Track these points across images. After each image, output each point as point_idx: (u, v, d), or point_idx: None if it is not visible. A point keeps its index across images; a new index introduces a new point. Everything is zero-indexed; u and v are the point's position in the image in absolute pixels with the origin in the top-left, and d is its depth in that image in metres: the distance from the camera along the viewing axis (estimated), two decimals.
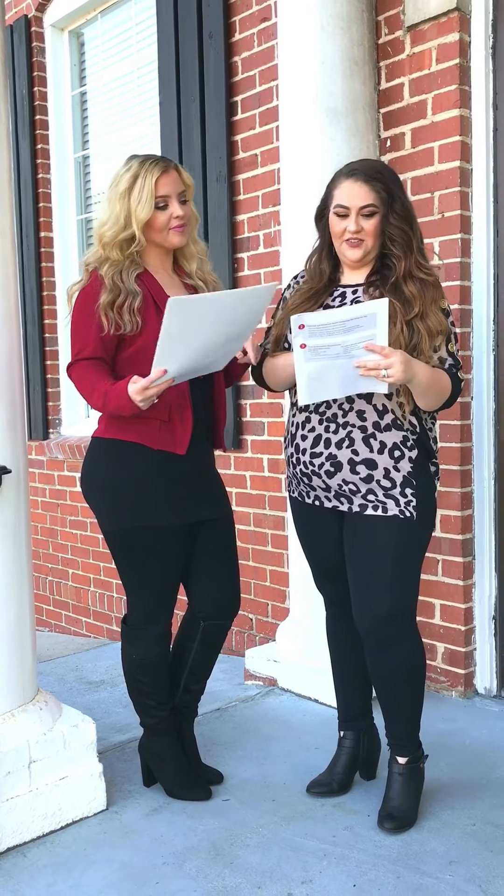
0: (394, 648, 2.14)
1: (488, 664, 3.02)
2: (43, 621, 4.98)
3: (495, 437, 2.96)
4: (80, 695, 3.37)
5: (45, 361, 4.84)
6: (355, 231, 2.09)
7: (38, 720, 2.24)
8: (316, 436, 2.16)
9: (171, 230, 2.20)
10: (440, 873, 1.99)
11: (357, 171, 2.10)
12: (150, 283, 2.20)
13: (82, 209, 4.77)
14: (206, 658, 2.41)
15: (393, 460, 2.10)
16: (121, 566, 2.31)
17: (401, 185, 2.14)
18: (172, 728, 2.39)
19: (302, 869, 2.03)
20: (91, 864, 2.09)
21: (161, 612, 2.32)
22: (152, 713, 2.37)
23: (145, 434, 2.18)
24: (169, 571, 2.29)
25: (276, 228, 3.44)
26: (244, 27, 3.52)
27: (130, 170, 2.17)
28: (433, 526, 2.24)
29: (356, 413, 2.11)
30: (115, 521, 2.26)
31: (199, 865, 2.07)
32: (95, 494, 2.30)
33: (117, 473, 2.22)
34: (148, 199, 2.14)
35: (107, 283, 2.14)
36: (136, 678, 2.35)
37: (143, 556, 2.25)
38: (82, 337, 2.17)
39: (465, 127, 2.88)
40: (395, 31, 3.01)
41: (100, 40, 4.50)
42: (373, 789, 2.36)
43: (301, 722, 2.90)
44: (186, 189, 2.22)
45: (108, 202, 2.19)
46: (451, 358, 2.12)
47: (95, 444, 2.29)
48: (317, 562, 2.33)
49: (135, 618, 2.33)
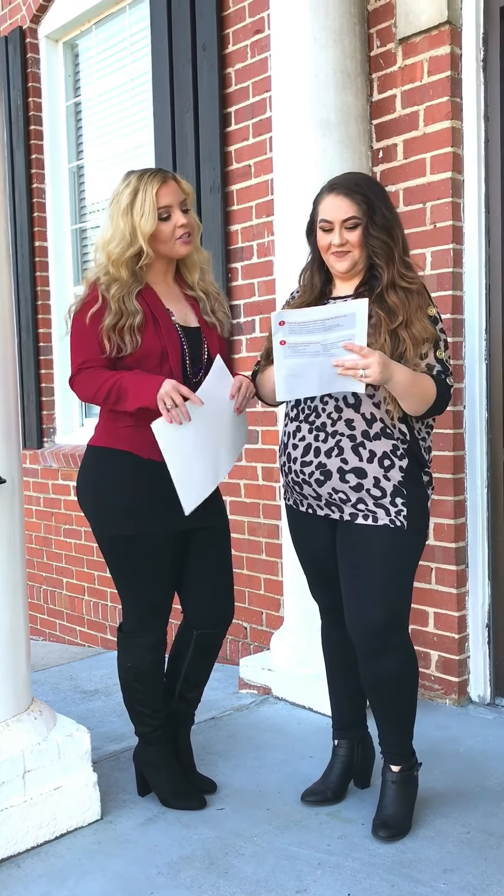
0: (386, 658, 2.15)
1: (482, 672, 3.03)
2: (37, 630, 4.98)
3: (488, 445, 2.98)
4: (75, 704, 3.36)
5: (39, 370, 4.84)
6: (340, 244, 2.12)
7: (32, 730, 2.24)
8: (306, 444, 2.17)
9: (178, 240, 2.22)
10: (434, 881, 2.00)
11: (337, 185, 2.14)
12: (150, 299, 2.21)
13: (77, 219, 4.79)
14: (201, 666, 2.41)
15: (383, 469, 2.11)
16: (113, 573, 2.33)
17: (384, 197, 2.16)
18: (167, 737, 2.39)
19: (296, 878, 2.03)
20: (86, 874, 2.09)
21: (154, 620, 2.32)
22: (147, 721, 2.37)
23: (136, 443, 2.20)
24: (161, 579, 2.29)
25: (269, 238, 3.46)
26: (237, 39, 3.54)
27: (130, 185, 2.18)
28: (426, 535, 2.24)
29: (345, 422, 2.12)
30: (106, 529, 2.28)
31: (193, 875, 2.06)
32: (88, 502, 2.31)
33: (109, 482, 2.24)
34: (151, 211, 2.15)
35: (113, 306, 2.15)
36: (132, 686, 2.35)
37: (135, 563, 2.26)
38: (84, 350, 2.19)
39: (456, 138, 2.91)
40: (387, 43, 3.04)
41: (94, 51, 4.53)
42: (367, 798, 2.36)
43: (295, 730, 2.90)
44: (186, 197, 2.24)
45: (111, 220, 2.20)
46: (440, 364, 2.13)
47: (89, 453, 2.30)
48: (311, 569, 2.34)
49: (129, 625, 2.34)
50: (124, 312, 2.14)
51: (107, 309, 2.15)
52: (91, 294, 2.20)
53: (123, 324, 2.14)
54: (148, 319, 2.17)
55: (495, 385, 2.95)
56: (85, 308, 2.19)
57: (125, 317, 2.14)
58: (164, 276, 2.30)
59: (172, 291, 2.31)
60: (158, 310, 2.20)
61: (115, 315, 2.14)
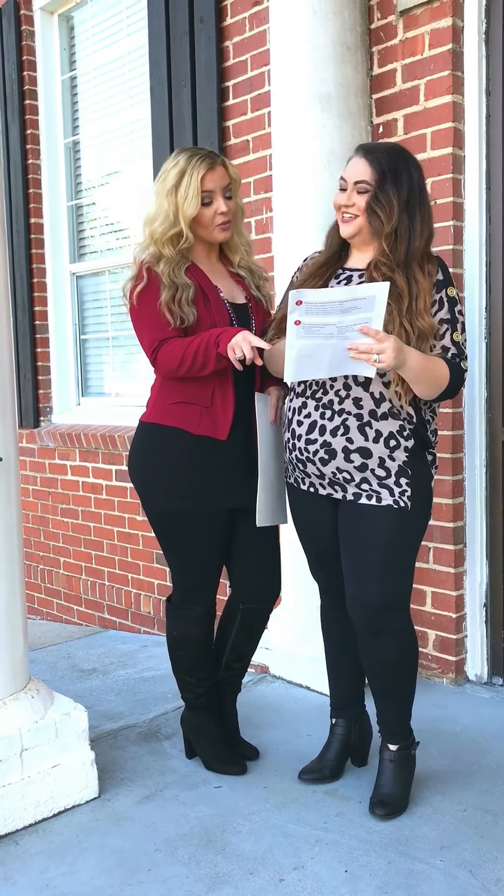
0: (385, 638, 2.14)
1: (479, 651, 3.03)
2: (34, 609, 4.98)
3: (487, 425, 2.97)
4: (72, 683, 3.37)
5: (35, 349, 4.81)
6: (346, 205, 2.08)
7: (29, 708, 2.24)
8: (311, 422, 2.15)
9: (217, 227, 2.24)
10: (431, 859, 2.01)
11: (363, 147, 2.10)
12: (198, 276, 2.24)
13: (73, 195, 4.73)
14: (247, 639, 2.48)
15: (388, 449, 2.09)
16: (163, 546, 2.39)
17: (405, 173, 2.05)
18: (211, 704, 2.46)
19: (294, 855, 2.04)
20: (83, 852, 2.10)
21: (200, 593, 2.37)
22: (190, 688, 2.44)
23: (187, 419, 2.24)
24: (207, 555, 2.34)
25: (268, 215, 3.42)
26: (235, 11, 3.48)
27: (178, 165, 2.20)
28: (429, 516, 2.23)
29: (352, 400, 2.09)
30: (155, 504, 2.32)
31: (191, 852, 2.07)
32: (138, 476, 2.36)
33: (158, 457, 2.28)
34: (194, 195, 2.18)
35: (164, 280, 2.19)
36: (176, 654, 2.43)
37: (182, 538, 2.31)
38: (154, 329, 2.21)
39: (457, 113, 2.87)
40: (388, 15, 2.99)
41: (90, 24, 4.46)
42: (364, 776, 2.37)
43: (293, 709, 2.91)
44: (232, 182, 2.26)
45: (156, 196, 2.23)
46: (455, 347, 2.09)
47: (141, 429, 2.35)
48: (311, 549, 2.33)
49: (176, 596, 2.41)
50: (179, 286, 2.18)
51: (161, 285, 2.18)
52: (139, 272, 2.24)
53: (180, 296, 2.18)
54: (199, 295, 2.21)
55: (495, 364, 2.93)
56: (142, 290, 2.22)
57: (180, 290, 2.18)
58: (209, 255, 2.34)
59: (217, 268, 2.35)
60: (208, 286, 2.24)
61: (170, 288, 2.18)
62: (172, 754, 2.58)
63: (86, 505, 4.52)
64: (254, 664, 3.25)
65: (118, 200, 4.46)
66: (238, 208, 2.31)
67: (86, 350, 4.79)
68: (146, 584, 4.17)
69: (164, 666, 3.39)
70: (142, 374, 4.34)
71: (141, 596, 4.21)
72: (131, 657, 3.70)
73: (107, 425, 4.33)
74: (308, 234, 2.82)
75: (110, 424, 4.32)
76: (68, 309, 4.77)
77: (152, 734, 2.74)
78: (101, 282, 4.62)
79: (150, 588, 4.15)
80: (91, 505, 4.48)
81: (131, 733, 2.75)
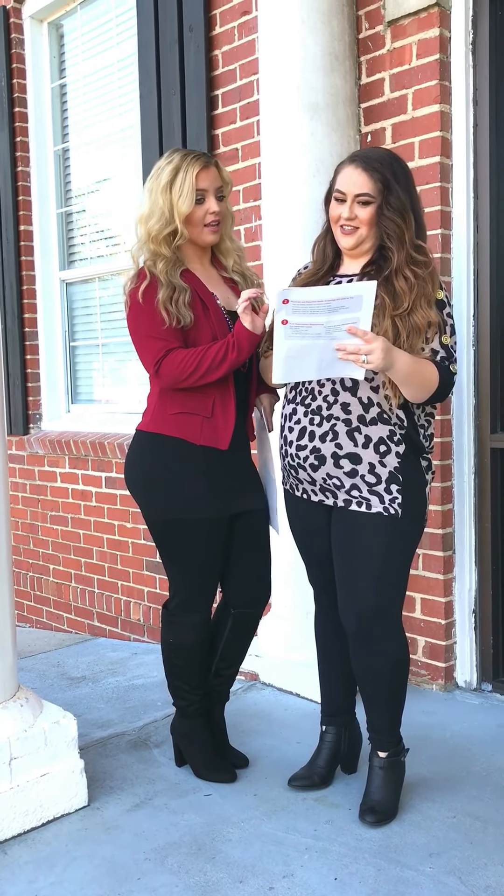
0: (377, 645, 2.15)
1: (468, 658, 3.04)
2: (24, 617, 4.96)
3: (475, 431, 2.98)
4: (62, 691, 3.35)
5: (25, 356, 4.79)
6: (348, 218, 2.08)
7: (18, 717, 2.23)
8: (301, 428, 2.16)
9: (206, 227, 2.24)
10: (421, 865, 2.01)
11: (359, 158, 2.09)
12: (193, 281, 2.24)
13: (62, 202, 4.74)
14: (237, 645, 2.47)
15: (378, 455, 2.09)
16: (163, 556, 2.38)
17: (404, 177, 2.09)
18: (203, 712, 2.45)
19: (283, 863, 2.04)
20: (73, 861, 2.09)
21: (199, 602, 2.37)
22: (183, 696, 2.43)
23: (188, 430, 2.23)
24: (208, 563, 2.33)
25: (257, 223, 3.43)
26: (224, 20, 3.50)
27: (172, 163, 2.20)
28: (423, 524, 2.22)
29: (341, 406, 2.09)
30: (158, 513, 2.31)
31: (180, 860, 2.07)
32: (138, 487, 2.34)
33: (160, 468, 2.27)
34: (189, 192, 2.18)
35: (162, 279, 2.18)
36: (171, 661, 2.42)
37: (184, 547, 2.30)
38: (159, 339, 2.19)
39: (445, 122, 2.89)
40: (376, 25, 3.01)
41: (79, 32, 4.47)
42: (354, 783, 2.37)
43: (282, 716, 2.91)
44: (224, 185, 2.27)
45: (150, 194, 2.22)
46: (444, 350, 2.09)
47: (139, 438, 2.33)
48: (307, 554, 2.34)
49: (174, 604, 2.39)
50: (177, 287, 2.18)
51: (158, 284, 2.18)
52: (141, 271, 2.23)
53: (177, 298, 2.17)
54: (196, 301, 2.21)
55: (483, 371, 2.95)
56: (139, 286, 2.20)
57: (177, 291, 2.18)
58: (201, 260, 2.34)
59: (211, 274, 2.34)
60: (204, 293, 2.24)
61: (167, 287, 2.17)
62: (162, 762, 2.57)
63: (75, 512, 4.51)
64: (243, 671, 3.25)
65: (108, 208, 4.46)
66: (228, 213, 2.32)
67: (75, 357, 4.79)
68: (136, 591, 4.17)
69: (154, 673, 3.40)
70: (132, 381, 4.34)
71: (131, 603, 4.20)
72: (121, 665, 3.69)
73: (96, 432, 4.33)
74: (297, 243, 2.83)
75: (100, 431, 4.32)
76: (58, 316, 4.77)
77: (142, 742, 2.74)
78: (91, 289, 4.62)
79: (140, 595, 4.14)
80: (81, 512, 4.47)
81: (121, 741, 2.74)
